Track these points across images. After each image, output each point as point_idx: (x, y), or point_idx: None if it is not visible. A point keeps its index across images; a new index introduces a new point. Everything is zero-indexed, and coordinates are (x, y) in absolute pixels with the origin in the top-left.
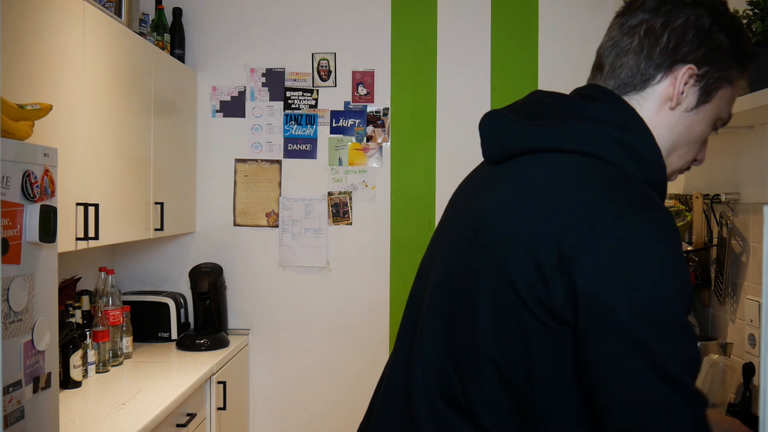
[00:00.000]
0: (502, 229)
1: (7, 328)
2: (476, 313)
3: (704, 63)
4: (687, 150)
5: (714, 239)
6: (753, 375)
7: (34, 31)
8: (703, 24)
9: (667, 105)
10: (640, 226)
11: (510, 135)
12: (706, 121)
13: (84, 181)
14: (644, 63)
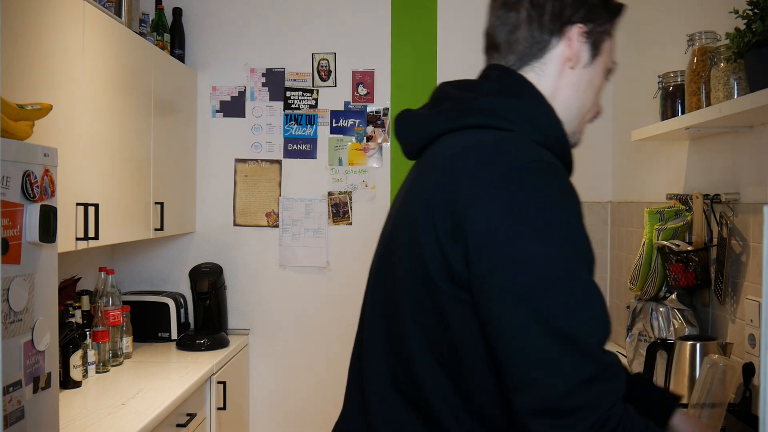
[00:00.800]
0: (411, 210)
1: (7, 328)
2: (400, 301)
3: (588, 20)
4: (592, 102)
5: (714, 239)
6: (753, 375)
7: (34, 31)
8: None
9: (567, 65)
10: (525, 182)
11: (415, 129)
12: (601, 73)
13: (84, 181)
14: (538, 32)
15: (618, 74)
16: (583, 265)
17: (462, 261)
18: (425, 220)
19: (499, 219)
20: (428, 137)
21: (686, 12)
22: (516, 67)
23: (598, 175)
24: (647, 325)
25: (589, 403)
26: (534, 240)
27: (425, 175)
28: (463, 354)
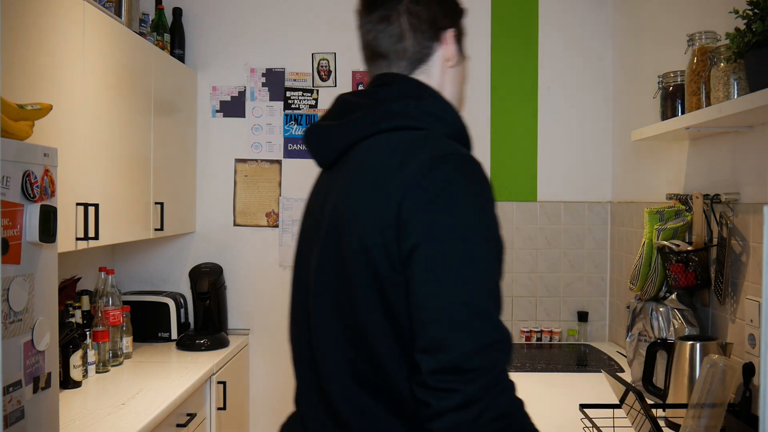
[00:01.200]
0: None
1: (7, 328)
2: (356, 297)
3: (453, 25)
4: (462, 88)
5: (714, 239)
6: (753, 375)
7: (34, 31)
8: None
9: (447, 65)
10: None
11: (330, 139)
12: (465, 68)
13: (84, 181)
14: (422, 39)
15: (618, 74)
16: (492, 248)
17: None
18: (370, 220)
19: (424, 204)
20: (346, 146)
21: (686, 12)
22: (407, 72)
23: (598, 175)
24: (647, 325)
25: (486, 365)
26: (453, 221)
27: (356, 180)
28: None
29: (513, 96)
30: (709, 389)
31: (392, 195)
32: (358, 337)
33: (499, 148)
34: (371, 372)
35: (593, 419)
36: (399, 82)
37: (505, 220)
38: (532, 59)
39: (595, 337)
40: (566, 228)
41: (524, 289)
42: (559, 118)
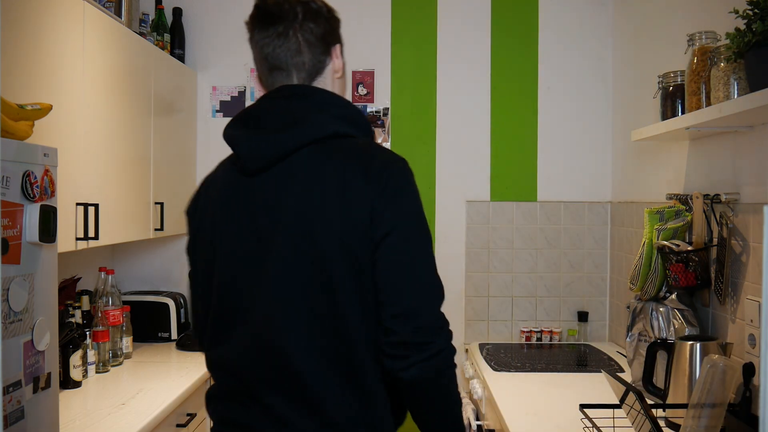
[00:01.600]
0: (327, 217)
1: (7, 328)
2: (332, 285)
3: (338, 40)
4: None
5: (714, 239)
6: (753, 375)
7: (34, 31)
8: (324, 14)
9: (336, 75)
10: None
11: (267, 147)
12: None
13: (84, 181)
14: (317, 53)
15: (618, 74)
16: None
17: (372, 236)
18: (348, 221)
19: (390, 201)
20: (283, 153)
21: (686, 12)
22: (307, 83)
23: (598, 175)
24: (647, 325)
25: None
26: (413, 213)
27: (319, 187)
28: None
29: (513, 96)
30: (709, 389)
31: (364, 198)
32: (330, 320)
33: (499, 148)
34: (342, 348)
35: (593, 419)
36: (316, 92)
37: (505, 220)
38: (532, 59)
39: (595, 337)
40: (566, 228)
41: (524, 289)
42: (559, 118)
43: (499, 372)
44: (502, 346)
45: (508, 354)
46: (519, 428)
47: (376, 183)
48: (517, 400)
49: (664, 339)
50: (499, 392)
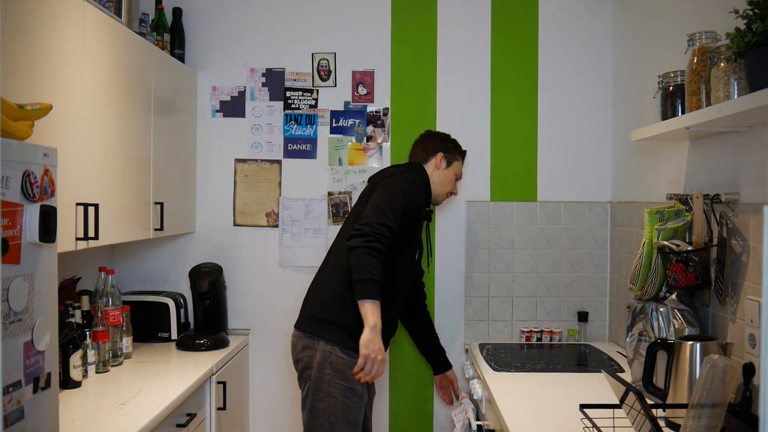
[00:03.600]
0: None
1: (7, 328)
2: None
3: (444, 151)
4: (444, 186)
5: (714, 239)
6: (753, 375)
7: (34, 31)
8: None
9: (437, 168)
10: (401, 179)
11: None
12: (450, 175)
13: (84, 181)
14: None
15: (618, 74)
16: (398, 204)
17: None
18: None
19: (382, 182)
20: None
21: (686, 12)
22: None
23: (598, 175)
24: (647, 325)
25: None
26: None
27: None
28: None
29: (513, 96)
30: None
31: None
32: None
33: (499, 148)
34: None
35: (593, 419)
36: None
37: (505, 220)
38: (532, 59)
39: (595, 337)
40: (566, 228)
41: (524, 289)
42: (559, 118)
43: (499, 372)
44: (502, 346)
45: (508, 354)
46: (519, 428)
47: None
48: (517, 400)
49: (664, 339)
50: (499, 392)
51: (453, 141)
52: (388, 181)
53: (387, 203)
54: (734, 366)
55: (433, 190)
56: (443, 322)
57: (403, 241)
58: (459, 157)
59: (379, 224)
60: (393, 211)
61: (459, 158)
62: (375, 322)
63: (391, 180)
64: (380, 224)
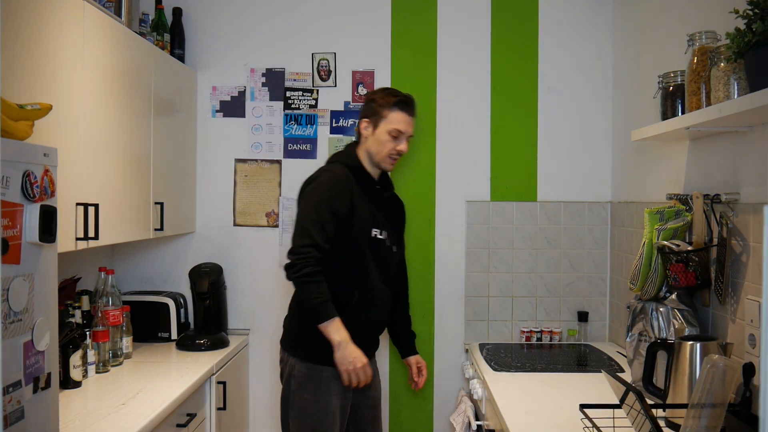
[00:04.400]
0: None
1: (7, 328)
2: None
3: (369, 116)
4: (381, 150)
5: (714, 239)
6: (753, 375)
7: (34, 31)
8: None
9: (367, 137)
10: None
11: None
12: (381, 136)
13: (84, 181)
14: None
15: (618, 74)
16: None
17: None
18: None
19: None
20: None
21: (686, 12)
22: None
23: (598, 175)
24: (647, 325)
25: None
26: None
27: None
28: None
29: (513, 96)
30: (709, 389)
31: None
32: None
33: (499, 148)
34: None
35: (593, 419)
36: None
37: (505, 220)
38: (532, 59)
39: (595, 337)
40: (566, 228)
41: (524, 289)
42: (559, 118)
43: (499, 372)
44: (502, 346)
45: (508, 354)
46: (519, 428)
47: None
48: (517, 400)
49: (664, 339)
50: (499, 392)
51: (380, 95)
52: (303, 194)
53: (306, 220)
54: (734, 366)
55: (374, 159)
56: (443, 322)
57: (350, 232)
58: (388, 111)
59: (303, 247)
60: (314, 224)
61: (388, 112)
62: (338, 338)
63: (305, 193)
64: (304, 246)
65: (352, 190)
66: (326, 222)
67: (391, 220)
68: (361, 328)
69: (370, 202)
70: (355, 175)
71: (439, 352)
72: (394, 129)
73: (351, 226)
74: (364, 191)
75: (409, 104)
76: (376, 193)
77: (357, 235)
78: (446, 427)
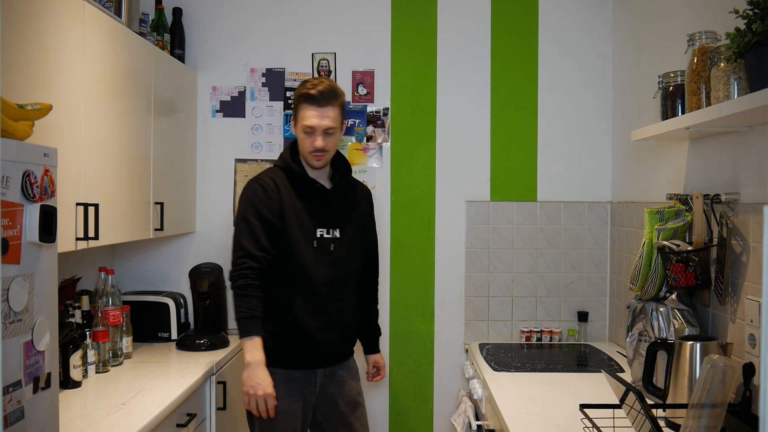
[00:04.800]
0: None
1: (7, 328)
2: None
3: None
4: (302, 148)
5: (714, 239)
6: (753, 375)
7: (34, 31)
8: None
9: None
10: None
11: None
12: (299, 134)
13: (84, 181)
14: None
15: (618, 74)
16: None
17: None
18: None
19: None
20: None
21: (686, 12)
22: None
23: (598, 175)
24: (647, 325)
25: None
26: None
27: None
28: None
29: (513, 96)
30: (709, 389)
31: None
32: None
33: (499, 148)
34: None
35: (593, 419)
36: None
37: (505, 220)
38: (532, 59)
39: (595, 337)
40: (566, 228)
41: (524, 289)
42: (559, 118)
43: (499, 372)
44: (502, 346)
45: (508, 354)
46: (519, 428)
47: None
48: (517, 400)
49: (664, 339)
50: (499, 392)
51: (296, 90)
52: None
53: (237, 233)
54: (734, 366)
55: (304, 157)
56: (443, 322)
57: (286, 236)
58: (300, 106)
59: (237, 258)
60: (246, 235)
61: (300, 108)
62: (249, 358)
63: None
64: (238, 258)
65: (280, 193)
66: (256, 230)
67: (345, 215)
68: (314, 334)
69: (308, 201)
70: (288, 176)
71: (439, 352)
72: (305, 126)
73: (284, 229)
74: (300, 190)
75: (317, 97)
76: (316, 191)
77: (293, 238)
78: (446, 427)
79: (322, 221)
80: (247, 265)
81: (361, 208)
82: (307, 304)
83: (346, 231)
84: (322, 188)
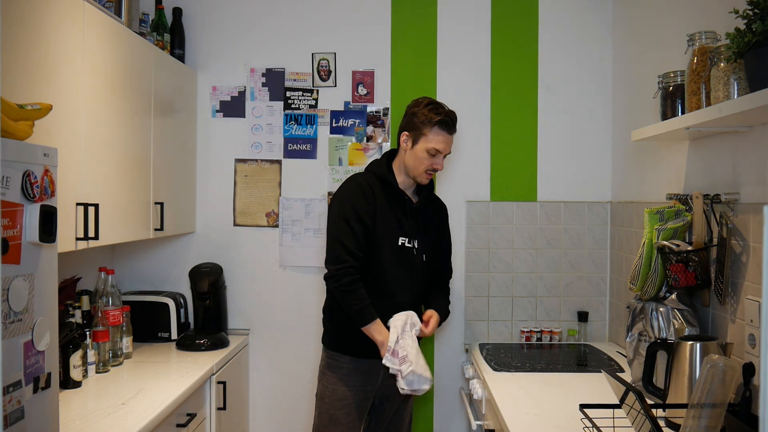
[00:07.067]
0: None
1: (7, 328)
2: None
3: (409, 130)
4: (417, 166)
5: (714, 239)
6: (753, 375)
7: (33, 31)
8: (408, 114)
9: (405, 150)
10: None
11: None
12: (419, 153)
13: (84, 181)
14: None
15: (618, 74)
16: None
17: None
18: None
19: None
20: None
21: (686, 12)
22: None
23: (598, 175)
24: (647, 325)
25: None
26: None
27: None
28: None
29: (513, 96)
30: (709, 389)
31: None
32: None
33: (499, 148)
34: None
35: (593, 419)
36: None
37: (505, 220)
38: (532, 59)
39: (595, 337)
40: (566, 228)
41: (524, 289)
42: (559, 118)
43: (499, 372)
44: (502, 346)
45: (508, 354)
46: (519, 428)
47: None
48: (517, 400)
49: (664, 339)
50: (499, 392)
51: (423, 110)
52: (330, 205)
53: (335, 233)
54: (734, 366)
55: (409, 173)
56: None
57: (374, 239)
58: (428, 129)
59: (337, 258)
60: (346, 235)
61: (428, 131)
62: (381, 338)
63: (332, 204)
64: (337, 258)
65: (375, 198)
66: (356, 229)
67: (422, 228)
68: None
69: (396, 211)
70: (382, 184)
71: (439, 352)
72: (432, 148)
73: (375, 233)
74: (391, 200)
75: (450, 124)
76: (404, 203)
77: (380, 242)
78: (447, 427)
79: (404, 230)
80: (349, 264)
81: (438, 221)
82: (380, 303)
83: (423, 242)
84: (409, 201)
